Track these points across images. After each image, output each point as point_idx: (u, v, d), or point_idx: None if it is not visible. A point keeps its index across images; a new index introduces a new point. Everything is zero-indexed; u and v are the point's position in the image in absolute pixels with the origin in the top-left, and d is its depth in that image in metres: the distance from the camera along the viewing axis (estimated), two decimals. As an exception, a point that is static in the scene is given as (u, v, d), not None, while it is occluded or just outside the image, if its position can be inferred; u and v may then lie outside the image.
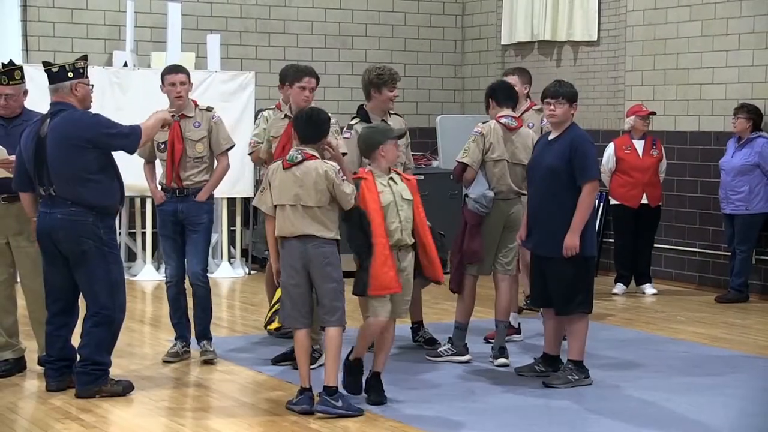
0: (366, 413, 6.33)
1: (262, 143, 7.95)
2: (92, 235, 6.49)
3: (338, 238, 6.32)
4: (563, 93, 7.04)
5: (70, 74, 6.56)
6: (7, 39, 11.64)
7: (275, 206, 6.33)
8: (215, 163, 7.69)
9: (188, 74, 7.71)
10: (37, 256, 6.89)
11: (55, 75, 6.56)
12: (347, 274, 6.38)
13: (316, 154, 6.31)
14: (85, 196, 6.48)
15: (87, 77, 6.64)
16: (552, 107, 7.05)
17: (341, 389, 6.39)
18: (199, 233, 7.67)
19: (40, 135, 6.52)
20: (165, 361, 7.61)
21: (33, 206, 6.69)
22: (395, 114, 8.03)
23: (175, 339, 7.76)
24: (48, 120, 6.55)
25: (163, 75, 7.68)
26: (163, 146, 7.59)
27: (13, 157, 6.77)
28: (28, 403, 6.59)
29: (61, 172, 6.48)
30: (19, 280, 7.18)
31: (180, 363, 7.60)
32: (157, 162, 7.73)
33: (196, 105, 7.73)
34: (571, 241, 6.84)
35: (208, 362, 7.58)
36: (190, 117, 7.66)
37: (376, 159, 6.54)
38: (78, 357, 6.69)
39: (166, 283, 7.77)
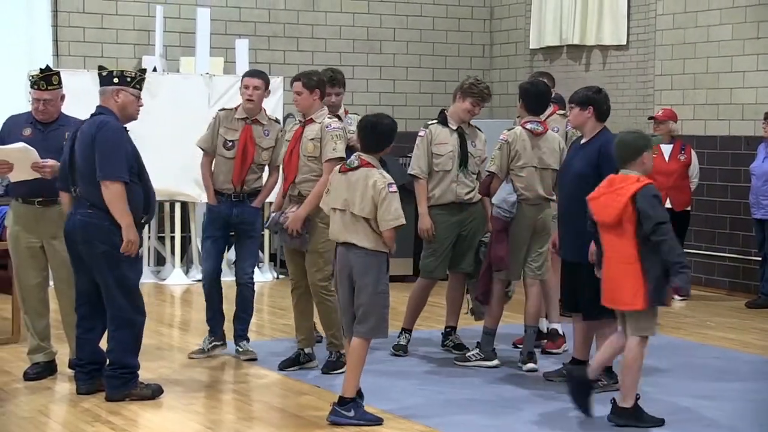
0: (393, 418, 6.32)
1: None
2: (106, 240, 6.48)
3: (385, 250, 6.15)
4: (572, 98, 7.07)
5: (116, 80, 6.62)
6: (38, 44, 11.74)
7: (332, 210, 6.32)
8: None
9: (267, 81, 7.78)
10: (67, 260, 6.90)
11: (103, 78, 6.65)
12: (396, 278, 6.36)
13: (373, 162, 6.21)
14: (101, 200, 6.48)
15: (136, 88, 6.65)
16: (569, 112, 7.12)
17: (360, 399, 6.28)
18: (253, 238, 7.83)
19: (75, 137, 6.59)
20: (190, 357, 7.69)
21: (70, 207, 6.74)
22: (474, 127, 8.04)
23: (210, 335, 7.85)
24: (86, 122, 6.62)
25: (242, 77, 7.84)
26: (230, 144, 7.63)
27: (47, 161, 6.80)
28: (59, 406, 6.63)
29: (83, 173, 6.53)
30: (52, 283, 7.22)
31: (209, 367, 7.62)
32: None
33: (266, 114, 7.81)
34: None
35: (250, 360, 7.68)
36: (263, 124, 7.72)
37: (637, 165, 6.23)
38: (107, 361, 6.72)
39: (203, 279, 7.85)
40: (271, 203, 11.36)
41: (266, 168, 7.90)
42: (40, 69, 7.09)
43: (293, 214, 7.23)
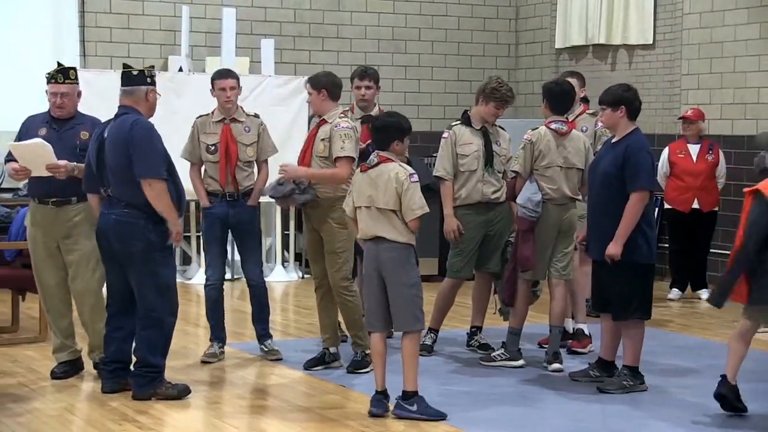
0: (426, 419, 6.30)
1: None
2: (142, 238, 6.52)
3: (412, 242, 6.30)
4: (603, 98, 7.03)
5: (149, 80, 6.66)
6: (65, 44, 11.81)
7: (356, 209, 6.38)
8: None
9: (238, 79, 7.83)
10: (82, 258, 6.99)
11: (134, 78, 6.64)
12: (421, 278, 6.40)
13: (392, 157, 6.32)
14: (137, 198, 6.51)
15: (156, 86, 6.73)
16: (600, 114, 7.07)
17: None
18: (253, 237, 7.85)
19: (103, 137, 6.61)
20: (204, 362, 7.69)
21: (99, 208, 6.76)
22: (499, 126, 8.03)
23: (212, 340, 7.84)
24: (112, 122, 6.63)
25: (213, 79, 7.80)
26: (213, 148, 7.67)
27: (63, 162, 6.82)
28: (86, 405, 6.65)
29: (116, 173, 6.55)
30: (69, 282, 7.22)
31: (234, 367, 7.64)
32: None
33: (243, 111, 7.82)
34: (613, 249, 6.79)
35: (277, 360, 7.71)
36: (241, 121, 7.74)
37: None
38: (134, 360, 6.75)
39: (207, 285, 7.84)
40: (270, 203, 11.41)
41: (254, 164, 7.87)
42: (57, 62, 7.14)
43: (294, 168, 7.26)
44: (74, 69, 7.15)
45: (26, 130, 7.13)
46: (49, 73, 7.06)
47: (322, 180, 7.28)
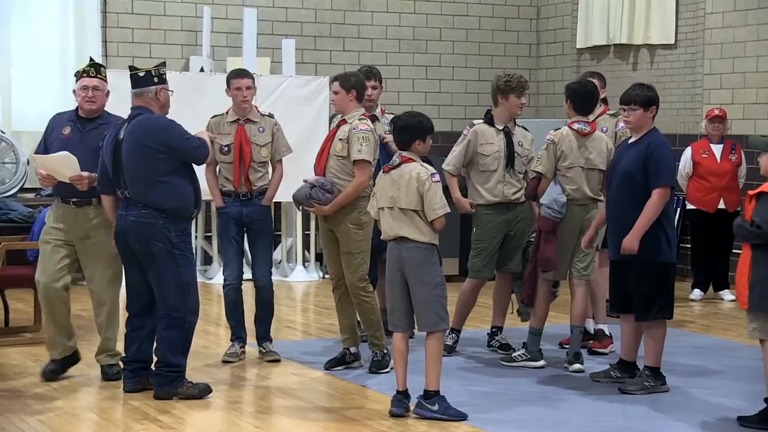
0: (446, 419, 6.31)
1: None
2: (162, 238, 6.54)
3: (435, 242, 6.30)
4: (635, 98, 6.95)
5: (156, 79, 6.66)
6: (88, 45, 11.84)
7: (379, 210, 6.39)
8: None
9: (253, 79, 7.83)
10: (99, 260, 6.96)
11: (141, 79, 6.67)
12: (446, 279, 6.42)
13: (414, 157, 6.32)
14: (155, 199, 6.54)
15: (167, 83, 6.74)
16: (626, 113, 7.01)
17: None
18: (265, 237, 7.85)
19: (118, 138, 6.63)
20: (224, 362, 7.70)
21: (113, 209, 6.76)
22: (522, 127, 8.02)
23: (232, 340, 7.85)
24: (126, 124, 6.65)
25: (229, 79, 7.81)
26: (226, 149, 7.67)
27: (86, 174, 6.82)
28: (108, 404, 6.68)
29: (133, 174, 6.57)
30: (85, 283, 7.23)
31: (255, 366, 7.65)
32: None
33: (258, 111, 7.82)
34: (629, 243, 6.76)
35: (274, 362, 7.68)
36: (255, 122, 7.75)
37: None
38: (155, 359, 6.78)
39: (225, 285, 7.85)
40: (290, 203, 11.46)
41: (269, 164, 7.87)
42: (90, 57, 7.18)
43: (318, 208, 7.24)
44: (104, 67, 7.18)
45: (51, 129, 7.14)
46: (79, 70, 7.08)
47: (349, 199, 7.24)
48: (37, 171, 7.05)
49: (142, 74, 6.68)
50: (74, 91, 7.12)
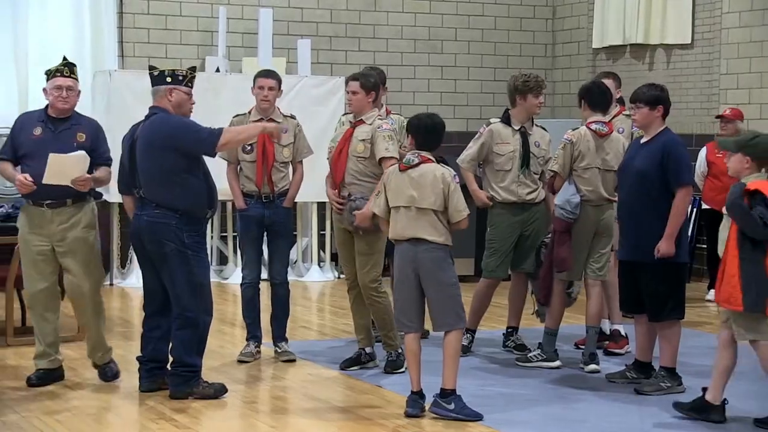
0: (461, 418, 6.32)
1: None
2: (174, 238, 6.53)
3: (449, 243, 6.30)
4: (641, 97, 6.96)
5: (168, 79, 6.65)
6: (104, 45, 11.89)
7: (390, 209, 6.36)
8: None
9: (279, 81, 7.82)
10: (78, 261, 6.82)
11: (155, 78, 6.68)
12: (461, 279, 6.42)
13: (432, 158, 6.32)
14: (168, 198, 6.54)
15: (188, 86, 6.70)
16: (633, 112, 7.03)
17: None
18: (285, 238, 7.87)
19: (134, 138, 6.65)
20: (240, 361, 7.71)
21: (133, 210, 6.78)
22: (540, 127, 8.02)
23: (248, 339, 7.86)
24: (142, 123, 6.67)
25: (255, 77, 7.80)
26: (249, 148, 7.67)
27: (90, 175, 6.73)
28: (124, 403, 6.69)
29: (146, 174, 6.58)
30: (65, 284, 7.04)
31: (270, 366, 7.66)
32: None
33: (280, 111, 7.83)
34: (666, 248, 6.75)
35: (289, 361, 7.68)
36: (278, 122, 7.75)
37: None
38: (170, 359, 6.79)
39: (243, 284, 7.86)
40: (306, 203, 11.56)
41: (290, 165, 7.87)
42: (63, 57, 7.01)
43: (360, 213, 7.19)
44: (76, 66, 6.97)
45: (20, 129, 6.91)
46: (51, 69, 6.88)
47: None
48: (15, 176, 6.76)
49: (156, 73, 6.69)
50: (45, 90, 6.89)
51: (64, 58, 7.02)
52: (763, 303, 6.00)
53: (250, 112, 7.83)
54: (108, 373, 7.13)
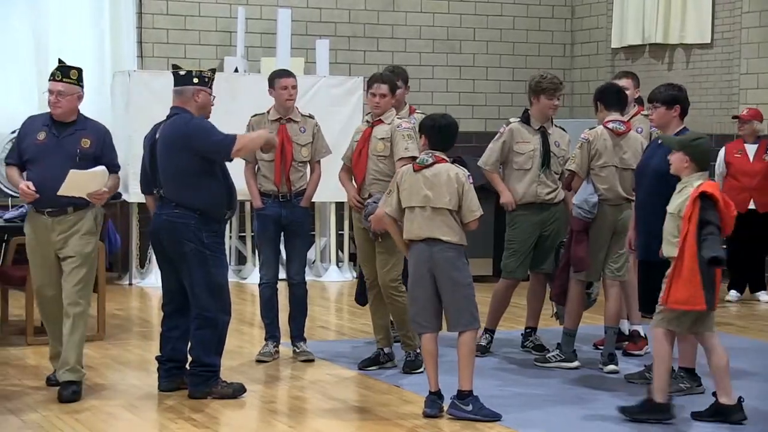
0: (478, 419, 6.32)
1: None
2: (193, 238, 6.54)
3: (464, 243, 6.29)
4: (657, 96, 6.95)
5: (195, 80, 6.64)
6: (123, 46, 11.94)
7: (403, 209, 6.35)
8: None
9: (296, 79, 7.83)
10: (74, 267, 6.63)
11: (181, 78, 6.66)
12: (476, 279, 6.41)
13: (446, 158, 6.31)
14: (187, 198, 6.55)
15: (210, 88, 6.71)
16: (650, 112, 7.04)
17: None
18: (303, 238, 7.86)
19: (155, 138, 6.67)
20: (258, 361, 7.71)
21: (155, 208, 6.80)
22: (559, 127, 8.01)
23: (266, 339, 7.86)
24: (163, 123, 6.69)
25: (274, 78, 7.79)
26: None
27: (106, 189, 6.62)
28: (143, 402, 6.71)
29: (166, 173, 6.59)
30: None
31: (289, 366, 7.67)
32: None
33: (299, 111, 7.84)
34: None
35: (307, 361, 7.68)
36: (297, 121, 7.76)
37: None
38: (189, 359, 6.81)
39: (262, 284, 7.87)
40: (324, 203, 11.55)
41: (308, 165, 7.86)
42: (59, 60, 6.81)
43: (373, 217, 7.19)
44: (78, 69, 6.72)
45: (25, 133, 6.74)
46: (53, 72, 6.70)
47: None
48: (19, 183, 6.60)
49: (182, 73, 6.67)
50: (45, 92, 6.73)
51: (60, 61, 6.78)
52: (714, 300, 6.17)
53: (268, 112, 7.83)
54: (64, 393, 6.61)
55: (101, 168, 6.63)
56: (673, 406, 6.28)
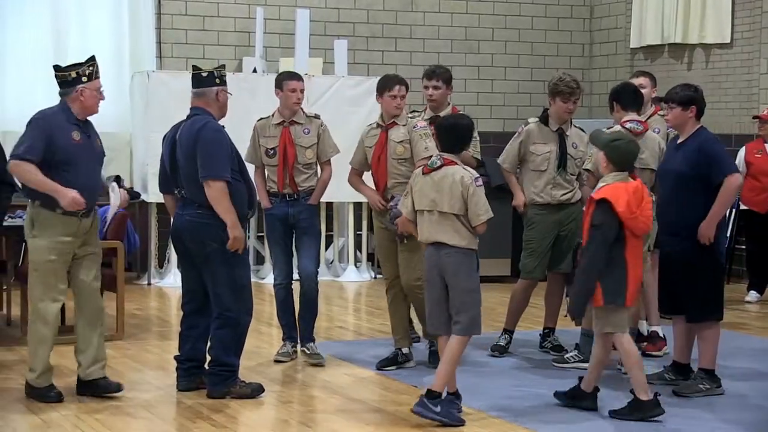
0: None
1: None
2: (216, 238, 6.55)
3: (474, 247, 6.23)
4: (673, 97, 6.94)
5: (218, 80, 6.66)
6: (142, 46, 11.98)
7: (416, 211, 6.33)
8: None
9: (304, 82, 7.86)
10: (92, 268, 6.65)
11: (204, 79, 6.66)
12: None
13: (456, 160, 6.26)
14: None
15: (227, 85, 6.75)
16: (666, 112, 7.03)
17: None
18: (311, 236, 7.81)
19: (175, 139, 6.68)
20: (276, 361, 7.72)
21: (174, 209, 6.83)
22: (578, 127, 7.99)
23: (284, 339, 7.87)
24: (183, 123, 6.70)
25: (282, 80, 7.78)
26: (272, 152, 7.68)
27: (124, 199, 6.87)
28: (162, 402, 6.73)
29: (188, 174, 6.59)
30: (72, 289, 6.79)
31: (306, 366, 7.67)
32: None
33: (304, 112, 7.82)
34: (706, 230, 6.71)
35: (317, 365, 7.63)
36: (301, 123, 7.75)
37: None
38: (207, 359, 6.82)
39: (275, 285, 7.88)
40: (342, 203, 11.56)
41: (316, 165, 7.81)
42: (92, 57, 6.68)
43: (399, 220, 7.16)
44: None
45: (52, 133, 6.38)
46: (88, 70, 6.54)
47: None
48: (57, 189, 6.33)
49: (205, 74, 6.66)
50: (81, 91, 6.49)
51: (93, 58, 6.68)
52: (619, 297, 6.27)
53: (272, 116, 7.82)
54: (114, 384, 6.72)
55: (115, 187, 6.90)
56: (660, 402, 6.27)
